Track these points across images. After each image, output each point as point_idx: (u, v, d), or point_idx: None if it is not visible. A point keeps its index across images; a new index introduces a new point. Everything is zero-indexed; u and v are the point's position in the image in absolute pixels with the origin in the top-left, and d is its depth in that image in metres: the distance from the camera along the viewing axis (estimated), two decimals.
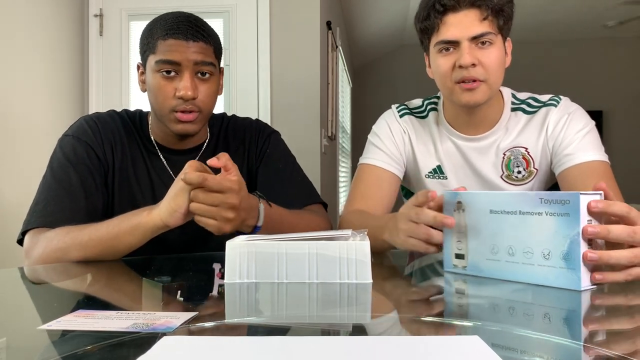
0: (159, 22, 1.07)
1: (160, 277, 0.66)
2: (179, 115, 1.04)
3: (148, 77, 1.08)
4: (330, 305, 0.66)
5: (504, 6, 1.06)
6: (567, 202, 0.66)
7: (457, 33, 1.05)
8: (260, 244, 0.73)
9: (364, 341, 0.48)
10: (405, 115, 1.27)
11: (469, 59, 1.04)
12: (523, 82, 3.12)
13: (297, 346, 0.45)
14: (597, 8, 5.03)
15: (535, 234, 0.69)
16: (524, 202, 0.71)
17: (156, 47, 1.04)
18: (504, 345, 0.48)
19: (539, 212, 0.69)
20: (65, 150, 1.07)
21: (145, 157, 1.14)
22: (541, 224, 0.69)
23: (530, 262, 0.70)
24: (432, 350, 0.44)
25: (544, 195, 0.69)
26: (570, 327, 0.57)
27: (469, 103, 1.09)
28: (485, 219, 0.75)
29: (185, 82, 1.02)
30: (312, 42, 2.69)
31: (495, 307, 0.67)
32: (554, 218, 0.68)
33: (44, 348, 0.49)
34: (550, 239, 0.68)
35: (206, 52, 1.05)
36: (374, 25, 5.12)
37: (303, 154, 1.49)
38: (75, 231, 0.93)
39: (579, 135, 1.10)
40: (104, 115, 1.15)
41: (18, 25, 2.26)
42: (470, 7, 1.04)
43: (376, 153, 1.24)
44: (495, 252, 0.74)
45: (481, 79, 1.06)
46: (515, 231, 0.72)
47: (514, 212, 0.72)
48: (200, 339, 0.48)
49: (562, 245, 0.67)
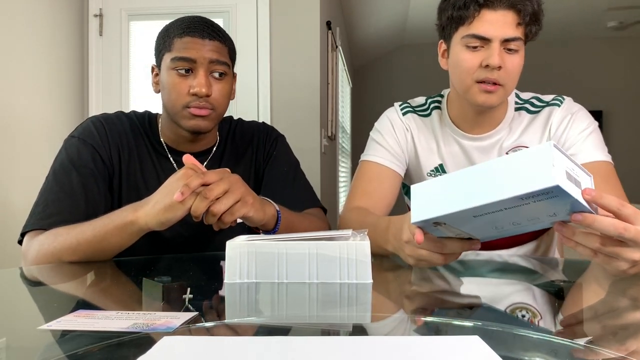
0: (176, 22, 1.09)
1: (160, 277, 0.66)
2: (192, 110, 1.05)
3: (163, 76, 1.09)
4: (330, 305, 0.66)
5: (539, 15, 1.05)
6: (551, 191, 0.59)
7: (492, 31, 1.03)
8: (260, 244, 0.73)
9: (364, 341, 0.48)
10: (408, 113, 1.26)
11: (498, 60, 1.02)
12: (523, 82, 3.11)
13: (297, 346, 0.45)
14: (597, 8, 5.04)
15: (534, 211, 0.63)
16: (507, 202, 0.62)
17: (172, 44, 1.06)
18: (504, 345, 0.47)
19: (527, 203, 0.62)
20: (69, 152, 1.07)
21: (154, 159, 1.14)
22: (532, 208, 0.63)
23: (538, 223, 0.66)
24: (432, 350, 0.44)
25: (522, 195, 0.61)
26: (571, 327, 0.57)
27: (484, 104, 1.08)
28: (474, 224, 0.68)
29: (200, 79, 1.04)
30: (312, 42, 2.69)
31: (495, 307, 0.67)
32: (543, 202, 0.61)
33: (44, 348, 0.49)
34: (553, 206, 0.62)
35: (221, 52, 1.07)
36: (374, 25, 5.12)
37: (303, 154, 1.49)
38: (64, 234, 0.94)
39: (582, 136, 1.10)
40: (112, 117, 1.15)
41: (18, 25, 2.26)
42: (510, 9, 1.02)
43: (378, 150, 1.23)
44: (500, 227, 0.68)
45: (502, 83, 1.05)
46: (511, 217, 0.65)
47: (500, 210, 0.64)
48: (200, 339, 0.48)
49: (566, 204, 0.62)
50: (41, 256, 0.94)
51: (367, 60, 6.34)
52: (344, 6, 4.24)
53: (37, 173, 2.44)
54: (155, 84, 1.14)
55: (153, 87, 1.14)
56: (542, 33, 1.10)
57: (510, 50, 1.05)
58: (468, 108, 1.15)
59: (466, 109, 1.16)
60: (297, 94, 2.67)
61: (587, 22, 5.44)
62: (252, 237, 0.77)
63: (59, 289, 0.82)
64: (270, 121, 2.65)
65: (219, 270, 0.74)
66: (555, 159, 0.59)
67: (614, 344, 0.49)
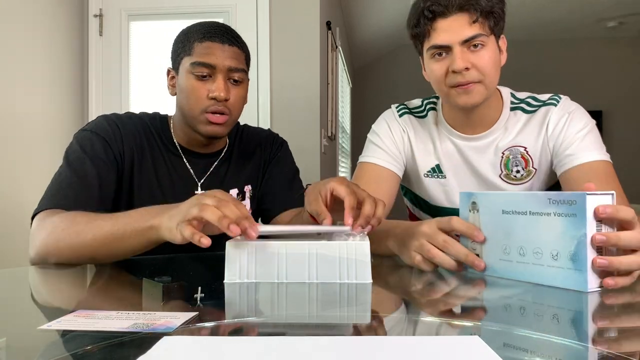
0: (196, 26, 1.12)
1: (160, 277, 0.66)
2: (209, 117, 1.08)
3: (180, 79, 1.11)
4: (330, 305, 0.66)
5: (494, 7, 1.06)
6: (574, 202, 0.66)
7: (448, 38, 1.06)
8: (260, 244, 0.73)
9: (363, 341, 0.48)
10: (404, 114, 1.28)
11: (461, 63, 1.04)
12: (523, 81, 3.12)
13: (297, 346, 0.45)
14: (597, 8, 5.04)
15: (544, 234, 0.70)
16: (534, 202, 0.71)
17: (192, 49, 1.08)
18: (504, 345, 0.47)
19: (548, 213, 0.69)
20: (82, 143, 1.07)
21: (167, 158, 1.15)
22: (550, 224, 0.69)
23: (539, 262, 0.71)
24: (432, 350, 0.44)
25: (552, 195, 0.69)
26: (570, 327, 0.57)
27: (466, 105, 1.09)
28: (498, 219, 0.76)
29: (219, 84, 1.07)
30: (312, 43, 2.69)
31: (495, 307, 0.67)
32: (561, 219, 0.68)
33: (44, 348, 0.49)
34: (559, 240, 0.68)
35: (239, 59, 1.10)
36: (374, 26, 5.12)
37: (303, 154, 1.49)
38: (82, 224, 0.88)
39: (580, 135, 1.10)
40: (123, 116, 1.16)
41: (18, 25, 2.26)
42: (459, 12, 1.04)
43: (376, 151, 1.24)
44: (508, 252, 0.75)
45: (476, 81, 1.07)
46: (526, 231, 0.72)
47: (524, 213, 0.72)
48: (200, 339, 0.48)
49: (570, 246, 0.67)
50: (52, 241, 0.89)
51: (367, 61, 6.34)
52: (344, 6, 4.24)
53: (37, 173, 2.44)
54: (172, 86, 1.16)
55: (169, 90, 1.16)
56: (542, 33, 1.11)
57: (476, 47, 1.06)
58: (457, 110, 1.17)
59: (456, 111, 1.17)
60: (297, 94, 2.67)
61: (587, 22, 5.44)
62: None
63: (59, 289, 0.82)
64: (270, 121, 2.65)
65: (219, 270, 0.74)
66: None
67: (616, 344, 0.49)
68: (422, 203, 1.31)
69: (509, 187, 1.18)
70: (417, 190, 1.30)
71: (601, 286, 0.67)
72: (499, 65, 1.11)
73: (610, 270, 0.66)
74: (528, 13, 4.98)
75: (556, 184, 1.17)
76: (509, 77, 1.47)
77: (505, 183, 1.18)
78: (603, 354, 0.45)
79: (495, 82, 1.11)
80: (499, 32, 1.11)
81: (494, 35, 1.08)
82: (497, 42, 1.10)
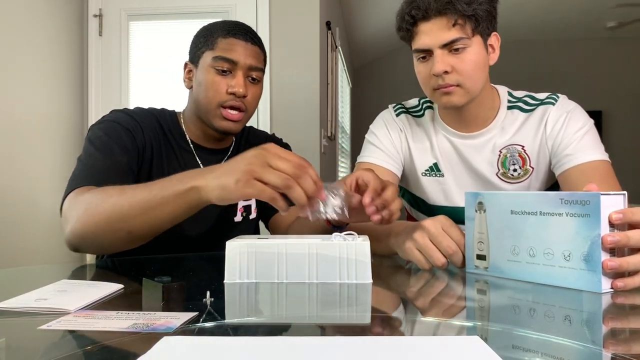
0: (220, 23, 1.14)
1: (160, 277, 0.66)
2: (224, 112, 1.10)
3: (200, 73, 1.12)
4: (330, 305, 0.66)
5: (476, 9, 1.05)
6: (587, 202, 0.66)
7: (428, 41, 1.07)
8: (260, 244, 0.73)
9: (363, 341, 0.48)
10: (401, 114, 1.29)
11: (440, 67, 1.05)
12: (523, 81, 3.12)
13: (297, 346, 0.45)
14: (597, 8, 5.04)
15: (556, 234, 0.69)
16: (545, 202, 0.70)
17: (215, 44, 1.10)
18: (504, 345, 0.47)
19: (560, 213, 0.69)
20: (107, 131, 1.06)
21: (178, 153, 1.16)
22: (562, 224, 0.68)
23: (550, 263, 0.70)
24: (432, 350, 0.44)
25: (564, 195, 0.68)
26: (570, 327, 0.57)
27: (447, 105, 1.11)
28: (505, 219, 0.75)
29: (239, 80, 1.09)
30: (311, 42, 2.69)
31: (495, 307, 0.67)
32: (574, 219, 0.67)
33: (44, 348, 0.49)
34: (571, 240, 0.67)
35: (259, 58, 1.13)
36: (374, 26, 5.12)
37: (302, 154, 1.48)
38: (115, 195, 0.85)
39: (578, 135, 1.10)
40: (137, 111, 1.16)
41: (17, 25, 2.26)
42: (438, 15, 1.05)
43: (374, 151, 1.25)
44: (516, 253, 0.74)
45: (455, 84, 1.07)
46: (536, 232, 0.71)
47: (535, 213, 0.72)
48: (200, 339, 0.48)
49: (583, 246, 0.66)
50: (88, 216, 0.85)
51: (367, 61, 6.34)
52: (344, 6, 4.24)
53: (37, 173, 2.44)
54: (188, 79, 1.17)
55: (185, 83, 1.18)
56: (542, 33, 1.11)
57: (457, 50, 1.06)
58: (449, 109, 1.17)
59: (448, 109, 1.18)
60: (297, 94, 2.67)
61: (587, 21, 5.45)
62: (252, 237, 0.78)
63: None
64: (270, 121, 2.65)
65: (219, 270, 0.74)
66: None
67: (618, 344, 0.49)
68: (420, 203, 1.31)
69: (506, 185, 1.18)
70: (415, 190, 1.30)
71: (612, 287, 0.67)
72: (484, 66, 1.10)
73: (620, 272, 0.66)
74: (528, 13, 4.99)
75: (555, 184, 1.17)
76: (508, 77, 1.47)
77: (502, 181, 1.18)
78: (602, 354, 0.45)
79: (479, 83, 1.10)
80: (486, 32, 1.09)
81: (479, 36, 1.08)
82: (484, 42, 1.09)
